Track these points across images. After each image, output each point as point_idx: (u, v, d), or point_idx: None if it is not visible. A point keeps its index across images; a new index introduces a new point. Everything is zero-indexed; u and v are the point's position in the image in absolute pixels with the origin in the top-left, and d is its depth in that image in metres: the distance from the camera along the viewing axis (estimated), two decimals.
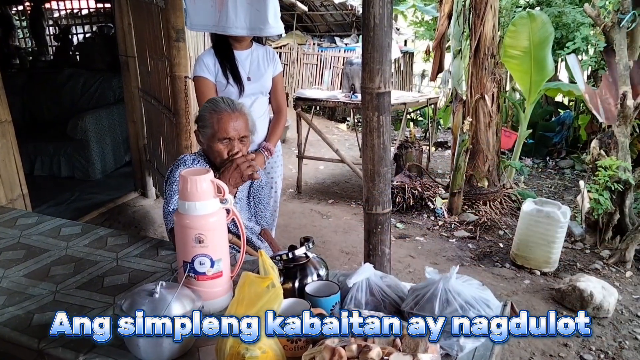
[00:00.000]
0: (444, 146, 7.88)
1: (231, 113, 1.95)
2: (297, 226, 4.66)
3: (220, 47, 2.74)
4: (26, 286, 1.60)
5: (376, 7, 1.93)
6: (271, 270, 1.19)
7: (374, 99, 2.04)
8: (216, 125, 1.93)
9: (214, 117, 1.94)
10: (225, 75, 2.69)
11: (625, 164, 4.01)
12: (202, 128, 1.98)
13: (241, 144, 1.97)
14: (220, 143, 1.93)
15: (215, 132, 1.93)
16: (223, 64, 2.69)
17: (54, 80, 5.73)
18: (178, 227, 1.41)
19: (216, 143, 1.93)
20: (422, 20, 11.87)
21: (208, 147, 1.98)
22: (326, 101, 5.52)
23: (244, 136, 1.98)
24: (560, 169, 6.73)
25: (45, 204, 4.40)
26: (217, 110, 1.95)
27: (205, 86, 2.69)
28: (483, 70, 4.63)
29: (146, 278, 1.65)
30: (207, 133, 1.95)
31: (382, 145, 2.08)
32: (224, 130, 1.92)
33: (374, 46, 1.98)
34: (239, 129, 1.95)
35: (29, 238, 1.95)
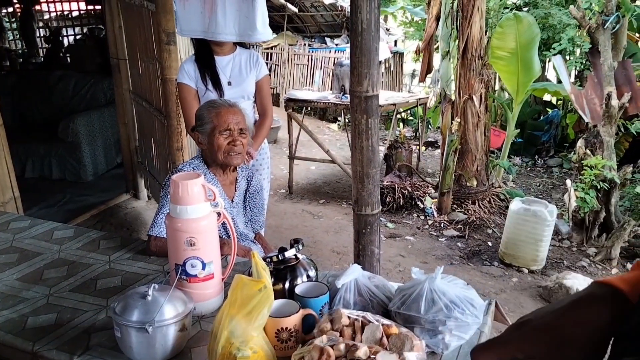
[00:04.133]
0: (434, 145, 7.94)
1: (228, 107, 2.02)
2: (288, 227, 4.69)
3: (201, 53, 2.81)
4: (20, 289, 1.62)
5: (364, 13, 1.97)
6: (263, 272, 1.22)
7: (362, 102, 2.07)
8: (215, 120, 1.98)
9: (212, 113, 2.00)
10: (204, 81, 2.76)
11: (611, 163, 4.08)
12: (201, 127, 2.02)
13: (241, 137, 2.01)
14: (221, 135, 1.97)
15: (215, 125, 1.98)
16: (202, 70, 2.76)
17: (45, 82, 5.73)
18: (170, 231, 1.44)
19: (217, 136, 1.97)
20: (411, 21, 11.95)
21: (209, 144, 2.01)
22: (317, 102, 5.55)
23: (243, 129, 2.03)
24: (548, 168, 6.81)
25: (36, 206, 4.41)
26: (215, 107, 2.03)
27: (186, 92, 2.78)
28: (471, 72, 4.69)
29: (139, 280, 1.68)
30: (207, 129, 2.00)
31: (370, 148, 2.12)
32: (224, 121, 1.98)
33: (361, 50, 2.01)
34: (237, 121, 2.01)
35: (21, 242, 1.97)
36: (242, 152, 2.03)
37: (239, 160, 2.03)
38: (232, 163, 2.01)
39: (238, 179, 2.15)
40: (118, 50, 4.49)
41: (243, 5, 2.64)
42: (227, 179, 2.10)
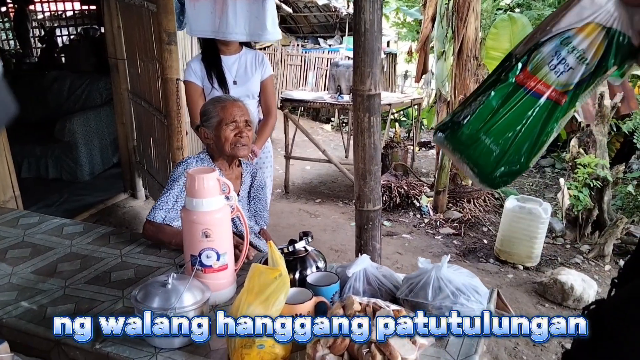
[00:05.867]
0: (427, 146, 8.02)
1: (233, 102, 2.08)
2: (286, 225, 4.74)
3: (208, 52, 2.88)
4: (35, 282, 1.66)
5: (367, 13, 2.03)
6: (279, 260, 1.27)
7: (365, 101, 2.13)
8: (221, 113, 2.03)
9: (217, 107, 2.05)
10: (210, 79, 2.83)
11: (603, 162, 4.16)
12: (207, 121, 2.06)
13: (247, 129, 2.06)
14: (228, 128, 2.02)
15: (221, 118, 2.03)
16: (209, 69, 2.84)
17: (40, 82, 5.73)
18: (186, 223, 1.49)
19: (223, 128, 2.02)
20: (404, 22, 12.03)
21: (216, 137, 2.04)
22: (313, 102, 5.60)
23: (248, 121, 2.08)
24: (541, 168, 6.91)
25: (34, 206, 4.41)
26: (220, 101, 2.09)
27: (192, 90, 2.86)
28: (466, 72, 4.76)
29: (151, 273, 1.73)
30: (213, 123, 2.04)
31: (372, 145, 2.18)
32: (230, 114, 2.03)
33: (364, 50, 2.07)
34: (242, 114, 2.06)
35: (32, 237, 2.01)
36: (248, 144, 2.07)
37: (246, 152, 2.07)
38: (239, 154, 2.06)
39: (243, 174, 2.19)
40: (116, 50, 4.52)
41: (253, 6, 2.71)
42: (232, 173, 2.14)
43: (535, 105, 1.21)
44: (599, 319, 0.99)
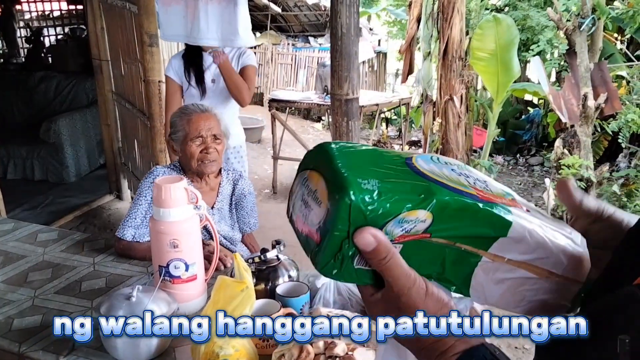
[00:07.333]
0: (417, 145, 8.02)
1: (200, 113, 1.98)
2: (272, 227, 4.72)
3: (189, 49, 2.89)
4: (5, 292, 1.64)
5: (343, 17, 2.02)
6: (245, 273, 1.26)
7: (343, 105, 2.13)
8: (187, 127, 1.95)
9: (184, 120, 1.97)
10: (187, 76, 2.84)
11: (587, 162, 4.18)
12: (175, 134, 2.00)
13: (215, 144, 1.97)
14: (194, 143, 1.94)
15: (187, 133, 1.94)
16: (187, 65, 2.85)
17: (26, 82, 5.69)
18: (153, 233, 1.47)
19: (189, 144, 1.94)
20: (395, 20, 12.02)
21: (182, 152, 1.98)
22: (300, 103, 5.59)
23: (217, 135, 1.99)
24: (530, 166, 6.93)
25: (19, 208, 4.39)
26: (186, 113, 2.00)
27: (169, 84, 2.91)
28: (452, 72, 4.77)
29: (123, 282, 1.71)
30: (180, 137, 1.97)
31: None
32: (195, 128, 1.94)
33: (341, 54, 2.07)
34: (210, 127, 1.97)
35: (5, 244, 1.99)
36: (217, 159, 1.99)
37: (214, 168, 2.00)
38: (205, 171, 1.98)
39: (222, 184, 2.10)
40: (100, 52, 4.48)
41: (225, 11, 2.68)
42: (205, 186, 2.05)
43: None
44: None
